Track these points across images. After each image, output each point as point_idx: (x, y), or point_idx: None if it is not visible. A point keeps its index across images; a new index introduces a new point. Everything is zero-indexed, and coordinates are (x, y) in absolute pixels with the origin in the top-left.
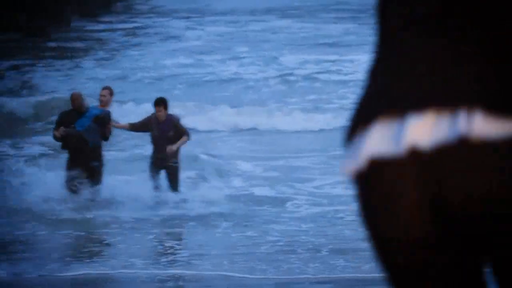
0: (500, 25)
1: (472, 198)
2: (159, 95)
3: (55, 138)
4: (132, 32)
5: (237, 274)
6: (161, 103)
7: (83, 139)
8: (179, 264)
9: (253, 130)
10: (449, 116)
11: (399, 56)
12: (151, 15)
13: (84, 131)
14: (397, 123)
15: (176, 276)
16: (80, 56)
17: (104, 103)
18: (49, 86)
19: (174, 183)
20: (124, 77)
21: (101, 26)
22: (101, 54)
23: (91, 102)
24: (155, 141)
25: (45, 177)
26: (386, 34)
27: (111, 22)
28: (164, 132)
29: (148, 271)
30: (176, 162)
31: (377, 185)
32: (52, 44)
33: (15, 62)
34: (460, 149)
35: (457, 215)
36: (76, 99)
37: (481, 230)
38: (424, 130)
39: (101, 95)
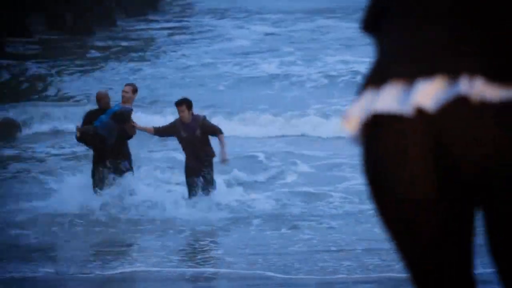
0: (500, 25)
1: (469, 153)
2: (202, 94)
3: (76, 138)
4: (179, 31)
5: (271, 273)
6: (183, 103)
7: (98, 135)
8: (213, 262)
9: (293, 132)
10: (453, 81)
11: (410, 30)
12: (198, 14)
13: (100, 127)
14: (407, 86)
15: (211, 274)
16: (126, 55)
17: (126, 99)
18: (94, 85)
19: (208, 186)
20: (169, 76)
21: (148, 25)
22: (147, 53)
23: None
24: (184, 145)
25: (78, 178)
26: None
27: (158, 21)
28: (191, 133)
29: (183, 269)
30: (210, 164)
31: (385, 138)
32: (99, 43)
33: (61, 62)
34: (461, 107)
35: (456, 167)
36: (102, 98)
37: (475, 181)
38: (430, 93)
39: (123, 91)
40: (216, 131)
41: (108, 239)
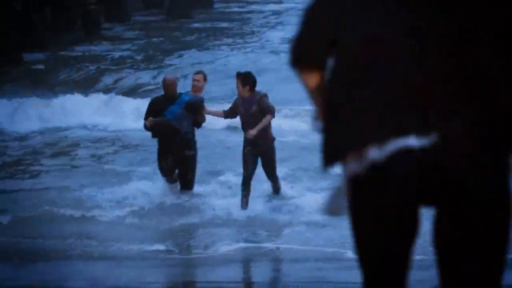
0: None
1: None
2: (291, 79)
3: (145, 127)
4: (276, 14)
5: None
6: (238, 76)
7: (173, 127)
8: (294, 239)
9: None
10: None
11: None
12: None
13: (174, 119)
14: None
15: (292, 249)
16: (222, 38)
17: (197, 88)
18: (190, 69)
19: (270, 170)
20: (263, 59)
21: (245, 8)
22: (243, 36)
23: (225, 84)
24: (242, 122)
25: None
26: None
27: (256, 3)
28: (248, 109)
29: (268, 244)
30: (271, 148)
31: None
32: (196, 25)
33: (159, 44)
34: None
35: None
36: (170, 85)
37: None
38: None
39: (194, 80)
40: (265, 110)
41: (193, 223)
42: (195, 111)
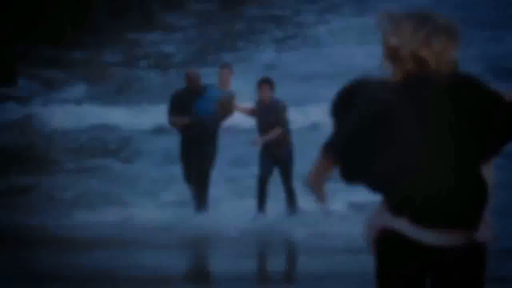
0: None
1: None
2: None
3: (172, 124)
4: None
5: None
6: (266, 82)
7: (205, 127)
8: None
9: None
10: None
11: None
12: None
13: (208, 117)
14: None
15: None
16: (271, 26)
17: (225, 82)
18: (239, 65)
19: (284, 179)
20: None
21: None
22: (291, 23)
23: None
24: (259, 127)
25: None
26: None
27: None
28: (266, 117)
29: None
30: (287, 156)
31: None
32: (248, 13)
33: (212, 35)
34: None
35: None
36: (193, 78)
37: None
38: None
39: (224, 73)
40: (279, 122)
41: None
42: (228, 108)
